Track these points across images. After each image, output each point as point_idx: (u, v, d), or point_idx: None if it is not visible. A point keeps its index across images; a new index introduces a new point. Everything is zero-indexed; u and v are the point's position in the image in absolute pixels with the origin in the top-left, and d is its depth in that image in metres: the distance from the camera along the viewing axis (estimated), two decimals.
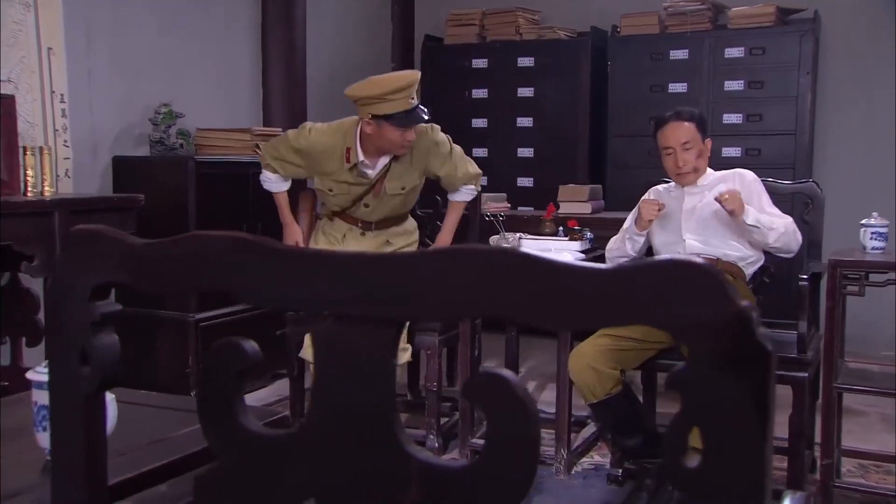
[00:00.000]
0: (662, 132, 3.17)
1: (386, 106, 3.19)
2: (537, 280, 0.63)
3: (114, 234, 0.81)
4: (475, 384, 0.67)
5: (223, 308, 4.22)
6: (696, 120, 3.14)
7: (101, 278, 0.82)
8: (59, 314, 0.83)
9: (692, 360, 0.59)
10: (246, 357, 0.76)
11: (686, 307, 0.58)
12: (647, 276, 0.59)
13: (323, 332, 0.73)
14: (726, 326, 0.57)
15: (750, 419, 0.57)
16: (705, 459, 0.59)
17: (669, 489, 2.92)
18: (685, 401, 0.60)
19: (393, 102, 3.19)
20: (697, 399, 0.59)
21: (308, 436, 0.74)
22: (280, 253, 0.73)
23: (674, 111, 3.18)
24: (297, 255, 0.72)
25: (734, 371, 0.57)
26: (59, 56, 4.04)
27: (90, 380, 0.83)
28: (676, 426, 0.60)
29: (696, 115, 3.18)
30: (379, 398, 0.71)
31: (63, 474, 0.85)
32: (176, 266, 0.77)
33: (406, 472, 0.70)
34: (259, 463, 0.76)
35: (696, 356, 0.59)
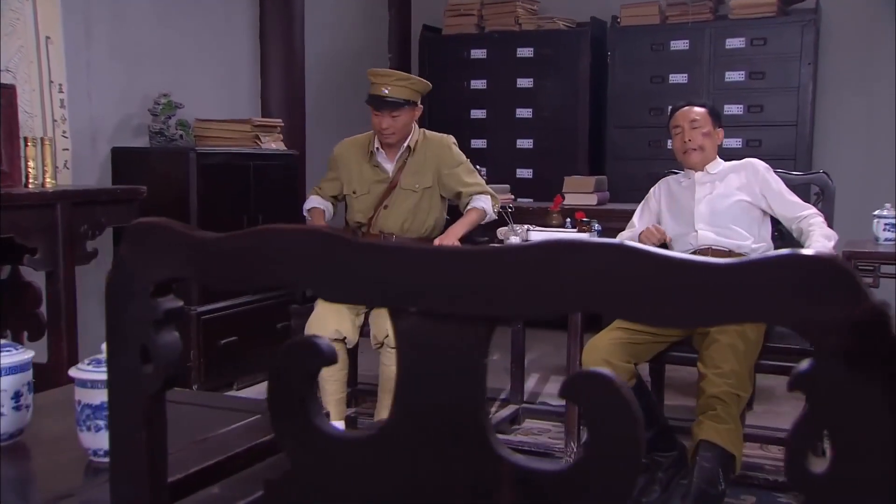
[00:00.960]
0: (674, 117, 3.25)
1: (370, 88, 3.51)
2: (655, 275, 0.60)
3: (179, 227, 0.77)
4: (575, 384, 0.64)
5: (225, 300, 4.18)
6: (709, 108, 3.24)
7: (165, 274, 0.78)
8: (118, 311, 0.80)
9: (818, 359, 0.56)
10: (322, 355, 0.73)
11: (816, 303, 0.55)
12: (775, 271, 0.56)
13: (408, 329, 0.70)
14: (859, 323, 0.54)
15: (883, 420, 0.54)
16: (834, 463, 0.56)
17: (683, 482, 2.91)
18: (811, 402, 0.57)
19: (373, 85, 3.50)
20: (824, 400, 0.57)
21: (390, 437, 0.71)
22: (363, 247, 0.70)
23: (687, 101, 3.23)
24: (381, 249, 0.69)
25: (866, 370, 0.54)
26: (58, 45, 3.97)
27: (153, 379, 0.79)
28: (801, 429, 0.57)
29: (710, 105, 3.28)
30: (469, 399, 0.68)
31: (123, 476, 0.81)
32: (248, 261, 0.74)
33: (497, 476, 0.67)
34: (336, 466, 0.73)
35: (823, 354, 0.56)
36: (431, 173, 3.54)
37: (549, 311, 0.66)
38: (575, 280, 0.63)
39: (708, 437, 2.68)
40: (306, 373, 0.74)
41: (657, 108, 5.57)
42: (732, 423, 2.70)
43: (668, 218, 3.19)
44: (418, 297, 0.68)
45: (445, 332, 0.68)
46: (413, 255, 0.68)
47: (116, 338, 0.80)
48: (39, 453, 1.22)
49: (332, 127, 5.73)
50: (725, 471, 2.68)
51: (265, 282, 0.75)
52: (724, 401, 2.70)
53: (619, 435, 0.63)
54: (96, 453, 1.16)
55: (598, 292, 0.63)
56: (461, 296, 0.67)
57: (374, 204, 3.54)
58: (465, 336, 0.68)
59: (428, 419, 0.69)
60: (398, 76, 3.55)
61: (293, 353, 0.75)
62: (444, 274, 0.67)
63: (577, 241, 0.64)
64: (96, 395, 1.15)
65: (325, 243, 0.70)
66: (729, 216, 3.07)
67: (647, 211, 3.32)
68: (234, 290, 3.41)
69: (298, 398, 0.74)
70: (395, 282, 0.69)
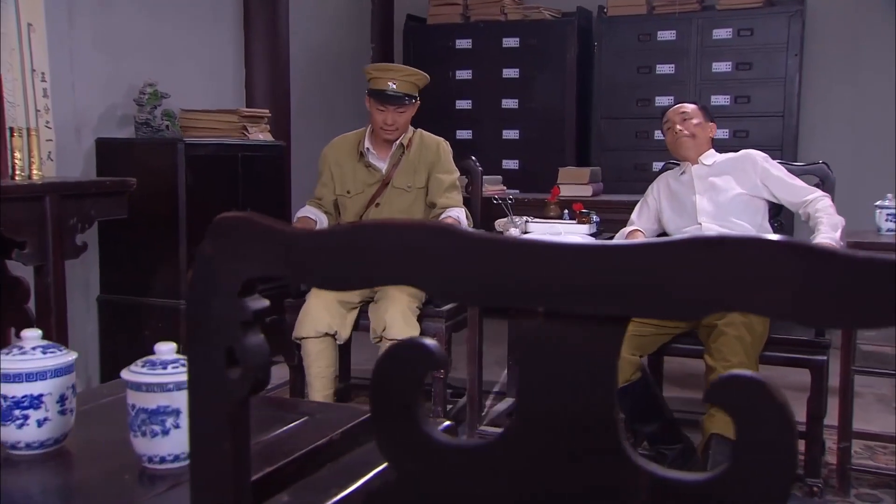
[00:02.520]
0: (665, 116, 3.32)
1: (371, 82, 3.44)
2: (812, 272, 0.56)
3: (268, 222, 0.72)
4: (725, 388, 0.60)
5: None
6: (699, 105, 3.31)
7: (253, 272, 0.73)
8: (201, 312, 0.74)
9: None
10: (432, 357, 0.69)
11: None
12: None
13: (531, 331, 0.66)
14: None
15: None
16: None
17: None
18: None
19: (375, 80, 3.43)
20: None
21: (512, 445, 0.67)
22: (481, 241, 0.65)
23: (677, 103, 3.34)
24: (502, 244, 0.65)
25: None
26: (40, 33, 3.86)
27: (239, 384, 0.74)
28: None
29: (699, 104, 3.35)
30: (600, 404, 0.64)
31: (205, 485, 0.76)
32: (349, 258, 0.69)
33: (633, 486, 0.63)
34: (448, 477, 0.69)
35: None
36: (425, 174, 3.47)
37: (686, 312, 0.62)
38: (718, 277, 0.59)
39: (720, 430, 2.67)
40: (413, 377, 0.70)
41: (644, 99, 5.57)
42: None
43: (669, 213, 3.18)
44: (544, 297, 0.64)
45: (574, 333, 0.64)
46: (537, 250, 0.64)
47: (199, 340, 0.75)
48: (88, 460, 1.16)
49: (317, 118, 5.66)
50: None
51: (368, 280, 0.70)
52: None
53: (771, 442, 0.59)
54: (151, 460, 1.10)
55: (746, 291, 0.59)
56: (591, 294, 0.62)
57: (367, 200, 3.46)
58: (595, 337, 0.64)
59: (554, 426, 0.65)
60: (406, 71, 3.48)
61: (398, 356, 0.70)
62: (573, 271, 0.63)
63: (720, 235, 0.60)
64: (152, 398, 1.09)
65: (437, 237, 0.66)
66: (730, 210, 3.05)
67: (646, 208, 3.29)
68: (330, 288, 3.33)
69: (404, 404, 0.70)
70: (517, 280, 0.64)
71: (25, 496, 1.04)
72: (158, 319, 3.99)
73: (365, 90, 3.52)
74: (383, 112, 3.39)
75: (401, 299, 3.07)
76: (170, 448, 1.10)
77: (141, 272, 4.02)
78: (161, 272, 4.00)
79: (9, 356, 1.16)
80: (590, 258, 0.63)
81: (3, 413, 1.14)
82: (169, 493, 1.03)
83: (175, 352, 1.21)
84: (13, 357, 1.15)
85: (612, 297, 0.62)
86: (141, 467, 1.10)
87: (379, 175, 3.47)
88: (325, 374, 3.13)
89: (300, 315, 3.19)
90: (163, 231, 3.95)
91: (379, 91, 3.39)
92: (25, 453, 1.17)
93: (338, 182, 3.51)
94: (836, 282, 0.56)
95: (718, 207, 3.08)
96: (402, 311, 3.08)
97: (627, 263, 0.62)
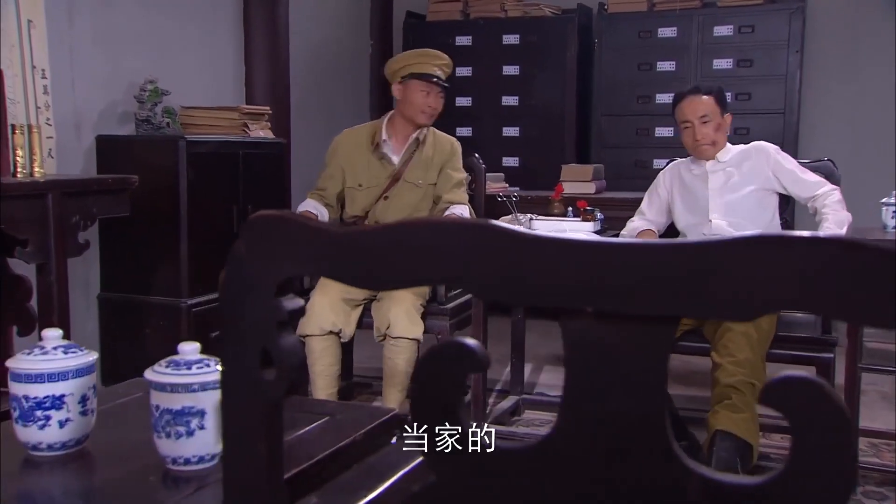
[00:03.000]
0: (680, 107, 3.15)
1: (414, 66, 3.43)
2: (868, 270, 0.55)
3: (304, 221, 0.71)
4: (781, 389, 0.59)
5: (216, 292, 4.07)
6: (715, 94, 3.14)
7: (289, 271, 0.72)
8: (236, 312, 0.73)
9: None
10: (474, 357, 0.67)
11: None
12: None
13: (580, 332, 0.64)
14: None
15: None
16: None
17: None
18: None
19: (421, 64, 3.43)
20: None
21: (557, 448, 0.65)
22: (529, 240, 0.64)
23: (693, 86, 3.17)
24: (551, 243, 0.63)
25: None
26: (40, 29, 3.83)
27: (275, 385, 0.73)
28: None
29: (715, 89, 3.17)
30: (650, 406, 0.63)
31: (238, 487, 0.75)
32: (392, 257, 0.67)
33: (684, 490, 0.62)
34: (491, 479, 0.67)
35: None
36: (436, 171, 3.49)
37: (739, 312, 0.60)
38: (773, 276, 0.58)
39: (724, 426, 2.66)
40: (455, 378, 0.68)
41: (645, 96, 5.56)
42: (748, 412, 2.68)
43: (680, 208, 3.16)
44: (593, 296, 0.63)
45: (624, 333, 0.63)
46: (588, 249, 0.63)
47: (234, 340, 0.74)
48: (110, 461, 1.14)
49: (316, 115, 5.64)
50: (743, 460, 2.66)
51: (411, 280, 0.69)
52: (739, 390, 2.68)
53: (829, 446, 0.58)
54: (175, 461, 1.09)
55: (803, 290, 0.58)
56: (642, 294, 0.61)
57: (376, 196, 3.46)
58: (646, 338, 0.63)
59: (602, 428, 0.64)
60: (447, 60, 3.52)
61: (439, 357, 0.69)
62: (624, 270, 0.61)
63: (777, 234, 0.59)
64: (177, 399, 1.07)
65: (484, 236, 0.64)
66: (742, 208, 3.05)
67: (657, 198, 3.27)
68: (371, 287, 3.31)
69: (446, 405, 0.69)
70: (566, 279, 0.63)
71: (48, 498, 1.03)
72: (159, 317, 3.97)
73: (366, 87, 3.51)
74: (427, 94, 3.42)
75: (405, 297, 3.06)
76: (194, 449, 1.09)
77: (142, 270, 4.00)
78: (162, 270, 3.97)
79: (30, 356, 1.14)
80: (641, 257, 0.61)
81: (25, 414, 1.13)
82: (196, 494, 1.01)
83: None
84: (35, 357, 1.14)
85: (664, 298, 0.61)
86: (165, 469, 1.09)
87: (391, 169, 3.46)
88: (329, 372, 3.11)
89: (305, 312, 3.17)
90: (164, 228, 3.93)
91: (426, 74, 3.42)
92: (47, 454, 1.15)
93: (349, 175, 3.49)
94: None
95: (730, 206, 3.07)
96: (406, 309, 3.06)
97: (679, 262, 0.60)
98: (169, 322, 3.94)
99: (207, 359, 1.11)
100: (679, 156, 3.36)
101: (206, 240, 4.01)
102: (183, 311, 3.93)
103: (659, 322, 0.62)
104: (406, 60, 3.50)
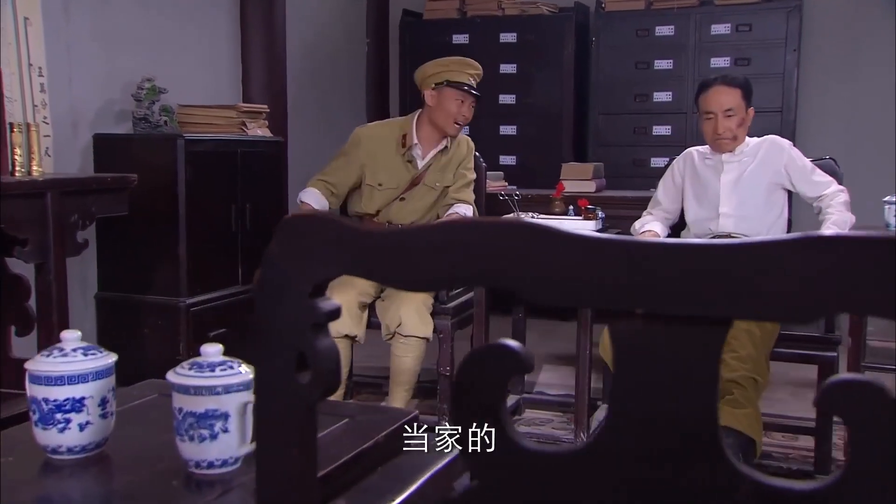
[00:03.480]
0: (705, 96, 3.07)
1: (450, 74, 3.40)
2: None
3: (342, 221, 0.70)
4: (838, 392, 0.58)
5: (215, 291, 4.06)
6: (743, 87, 3.06)
7: (326, 273, 0.70)
8: (270, 314, 0.72)
9: None
10: (518, 359, 0.66)
11: None
12: None
13: (629, 333, 0.63)
14: None
15: None
16: None
17: None
18: None
19: (458, 73, 3.41)
20: None
21: (604, 451, 0.64)
22: (577, 240, 0.62)
23: (720, 75, 3.11)
24: (599, 244, 0.62)
25: None
26: (37, 27, 3.80)
27: (311, 389, 0.71)
28: None
29: (743, 82, 3.09)
30: (701, 409, 0.62)
31: (272, 492, 0.74)
32: (434, 258, 0.66)
33: (737, 496, 0.61)
34: (535, 483, 0.66)
35: None
36: (452, 172, 3.48)
37: (795, 314, 0.59)
38: (830, 278, 0.57)
39: (727, 422, 2.65)
40: (497, 380, 0.67)
41: (642, 95, 5.55)
42: (751, 408, 2.68)
43: (690, 198, 3.15)
44: (645, 297, 0.61)
45: (675, 335, 0.61)
46: (639, 249, 0.61)
47: (268, 343, 0.72)
48: (131, 464, 1.12)
49: (312, 113, 5.62)
50: (746, 456, 2.65)
51: (455, 281, 0.68)
52: (741, 385, 2.67)
53: (889, 450, 0.57)
54: (199, 465, 1.07)
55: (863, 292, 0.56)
56: (695, 296, 0.60)
57: (393, 196, 3.43)
58: (698, 340, 0.61)
59: (651, 431, 0.63)
60: (481, 71, 3.51)
61: (481, 358, 0.68)
62: (677, 271, 0.60)
63: (836, 234, 0.58)
64: (200, 402, 1.05)
65: (532, 236, 0.63)
66: (752, 205, 3.04)
67: (672, 185, 3.24)
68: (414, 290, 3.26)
69: (488, 408, 0.67)
70: (616, 280, 0.62)
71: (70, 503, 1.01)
72: (158, 317, 3.94)
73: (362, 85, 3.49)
74: (462, 103, 3.39)
75: (415, 296, 3.04)
76: (218, 453, 1.07)
77: (140, 269, 3.97)
78: (161, 269, 3.95)
79: (49, 358, 1.12)
80: (695, 257, 0.60)
81: (45, 417, 1.11)
82: (221, 498, 1.00)
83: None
84: (54, 359, 1.12)
85: (717, 299, 0.59)
86: (187, 472, 1.07)
87: (414, 172, 3.44)
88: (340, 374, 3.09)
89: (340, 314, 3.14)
90: (162, 227, 3.90)
91: (462, 83, 3.39)
92: (67, 458, 1.13)
93: (369, 171, 3.43)
94: None
95: (741, 201, 3.06)
96: (416, 307, 3.05)
97: (733, 263, 0.59)
98: (167, 322, 3.92)
99: (231, 361, 1.09)
100: (677, 154, 3.35)
101: (205, 239, 3.98)
102: (181, 311, 3.91)
103: (711, 323, 0.61)
104: (442, 67, 3.44)
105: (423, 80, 3.47)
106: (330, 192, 3.47)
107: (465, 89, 3.38)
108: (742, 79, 3.13)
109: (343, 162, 3.48)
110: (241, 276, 4.24)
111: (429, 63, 3.53)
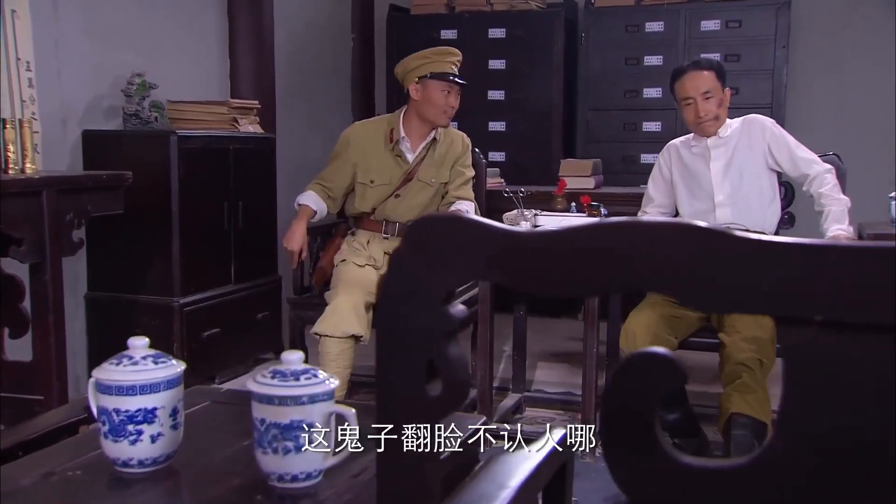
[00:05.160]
0: (681, 83, 3.11)
1: (432, 66, 3.37)
2: None
3: (478, 223, 0.65)
4: None
5: (207, 291, 3.99)
6: (716, 68, 3.11)
7: (461, 279, 0.66)
8: (399, 321, 0.67)
9: None
10: (673, 370, 0.62)
11: None
12: None
13: (804, 342, 0.59)
14: None
15: None
16: None
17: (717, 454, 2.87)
18: None
19: (439, 63, 3.37)
20: None
21: (772, 469, 0.61)
22: (746, 243, 0.59)
23: (692, 61, 3.17)
24: (773, 247, 0.59)
25: None
26: (25, 21, 3.70)
27: (441, 399, 0.67)
28: None
29: (715, 64, 3.15)
30: (881, 424, 0.58)
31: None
32: (586, 261, 0.62)
33: None
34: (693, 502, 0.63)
35: None
36: (448, 169, 3.47)
37: None
38: None
39: (739, 409, 2.65)
40: (651, 394, 0.63)
41: (632, 91, 5.54)
42: (760, 391, 2.68)
43: (683, 192, 3.15)
44: (822, 304, 0.58)
45: (856, 344, 0.58)
46: (818, 254, 0.58)
47: (395, 352, 0.68)
48: (204, 478, 1.06)
49: (299, 109, 5.54)
50: (760, 440, 2.65)
51: (608, 285, 0.64)
52: (749, 367, 2.67)
53: None
54: (282, 478, 1.01)
55: None
56: (879, 302, 0.57)
57: (388, 193, 3.40)
58: (880, 349, 0.58)
59: (825, 448, 0.59)
60: (460, 56, 3.46)
61: (634, 370, 0.64)
62: (861, 276, 0.57)
63: None
64: (285, 412, 1.00)
65: (698, 239, 0.59)
66: (746, 194, 3.07)
67: (661, 180, 3.25)
68: (560, 295, 3.19)
69: (641, 423, 0.63)
70: (792, 286, 0.58)
71: None
72: (150, 317, 3.86)
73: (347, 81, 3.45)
74: (448, 94, 3.37)
75: None
76: (303, 465, 1.02)
77: (132, 268, 3.89)
78: (153, 268, 3.87)
79: (120, 366, 1.07)
80: (874, 261, 0.57)
81: (116, 428, 1.05)
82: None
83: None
84: (125, 368, 1.06)
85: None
86: (268, 485, 1.02)
87: (406, 167, 3.42)
88: (343, 374, 3.05)
89: (327, 311, 3.10)
90: (154, 226, 3.82)
91: (446, 73, 3.36)
92: (137, 471, 1.08)
93: (361, 169, 3.42)
94: None
95: (735, 191, 3.07)
96: None
97: None
98: (160, 322, 3.84)
99: (313, 369, 1.04)
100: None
101: (198, 238, 3.91)
102: (175, 311, 3.83)
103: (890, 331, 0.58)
104: (423, 59, 3.41)
105: (406, 75, 3.45)
106: (327, 195, 3.45)
107: (451, 79, 3.37)
108: (714, 61, 3.19)
109: (336, 165, 3.47)
110: (233, 275, 4.17)
111: (408, 57, 3.50)
